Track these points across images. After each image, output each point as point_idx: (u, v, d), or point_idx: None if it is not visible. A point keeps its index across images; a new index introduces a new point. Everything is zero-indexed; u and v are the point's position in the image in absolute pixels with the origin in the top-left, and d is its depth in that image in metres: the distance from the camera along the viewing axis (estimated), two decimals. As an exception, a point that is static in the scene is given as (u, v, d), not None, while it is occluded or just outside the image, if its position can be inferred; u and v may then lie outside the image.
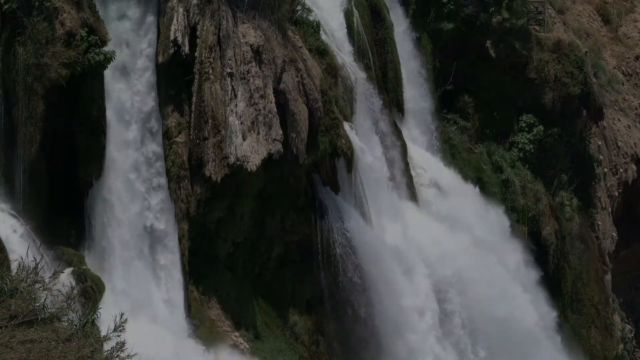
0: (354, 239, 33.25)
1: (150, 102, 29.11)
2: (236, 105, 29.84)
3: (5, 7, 25.66)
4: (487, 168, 42.45)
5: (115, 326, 12.20)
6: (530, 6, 45.10)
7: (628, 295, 51.77)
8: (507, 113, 44.01)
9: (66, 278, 24.10)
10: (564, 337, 41.67)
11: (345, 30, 36.66)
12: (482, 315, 36.64)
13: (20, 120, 25.79)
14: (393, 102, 38.76)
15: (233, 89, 29.92)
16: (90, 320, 12.90)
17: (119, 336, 12.42)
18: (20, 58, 25.68)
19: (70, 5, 26.42)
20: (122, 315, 12.39)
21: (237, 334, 30.63)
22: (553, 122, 44.31)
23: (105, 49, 26.78)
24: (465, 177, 41.01)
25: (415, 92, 40.63)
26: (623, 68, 52.77)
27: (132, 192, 28.68)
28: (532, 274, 41.06)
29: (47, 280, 13.05)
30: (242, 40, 30.26)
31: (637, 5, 55.83)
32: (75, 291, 22.96)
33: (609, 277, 47.62)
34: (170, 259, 29.20)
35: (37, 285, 12.87)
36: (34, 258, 13.60)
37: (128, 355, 12.63)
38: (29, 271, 12.91)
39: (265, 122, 30.24)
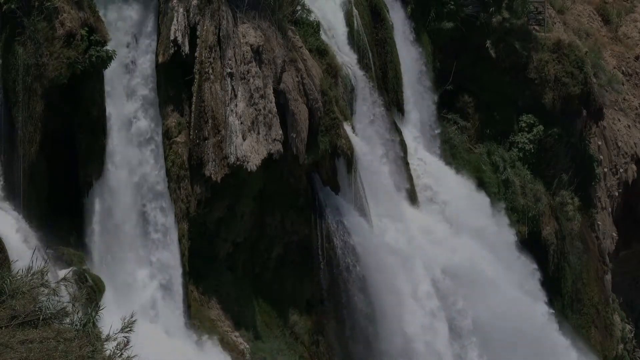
0: (354, 239, 33.23)
1: None
2: (236, 105, 29.82)
3: (5, 7, 25.65)
4: (487, 168, 42.41)
5: (123, 326, 12.19)
6: (530, 6, 45.07)
7: (628, 295, 51.72)
8: (507, 113, 43.97)
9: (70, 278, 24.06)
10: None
11: (346, 30, 36.63)
12: (486, 313, 36.61)
13: (20, 120, 25.77)
14: (393, 102, 38.73)
15: (233, 89, 29.91)
16: (92, 320, 12.88)
17: (125, 337, 12.41)
18: (20, 58, 25.65)
19: (70, 5, 26.38)
20: (131, 315, 12.38)
21: (237, 334, 30.63)
22: (553, 122, 44.26)
23: (106, 48, 26.77)
24: (465, 177, 40.98)
25: (415, 92, 40.60)
26: (623, 68, 52.72)
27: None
28: (536, 275, 41.05)
29: (53, 285, 13.06)
30: (242, 40, 30.25)
31: (637, 5, 55.78)
32: (81, 292, 22.95)
33: (609, 277, 47.59)
34: (171, 259, 29.17)
35: (42, 289, 12.87)
36: (45, 261, 13.60)
37: (128, 357, 12.61)
38: (33, 273, 12.90)
39: (265, 122, 30.23)
